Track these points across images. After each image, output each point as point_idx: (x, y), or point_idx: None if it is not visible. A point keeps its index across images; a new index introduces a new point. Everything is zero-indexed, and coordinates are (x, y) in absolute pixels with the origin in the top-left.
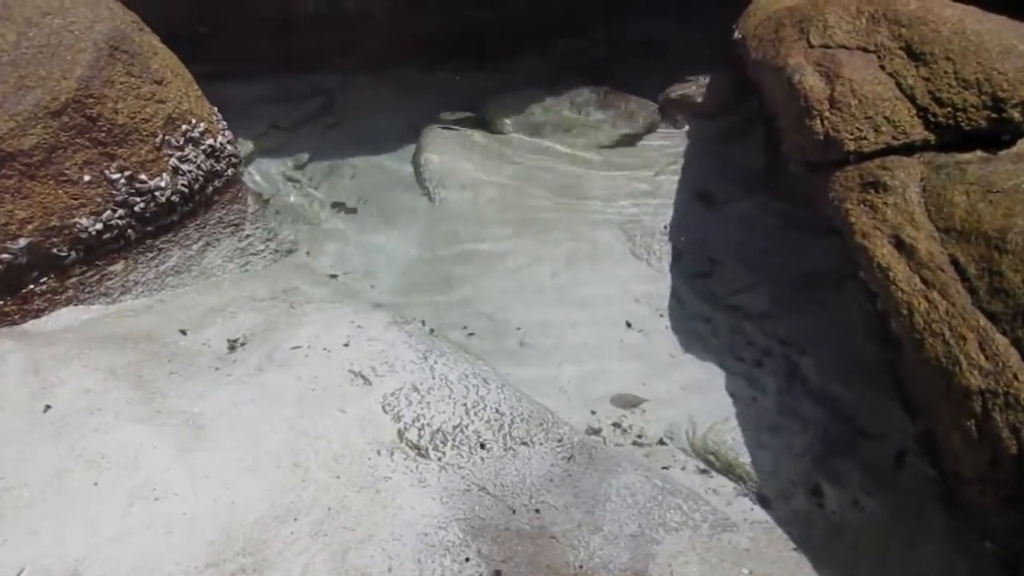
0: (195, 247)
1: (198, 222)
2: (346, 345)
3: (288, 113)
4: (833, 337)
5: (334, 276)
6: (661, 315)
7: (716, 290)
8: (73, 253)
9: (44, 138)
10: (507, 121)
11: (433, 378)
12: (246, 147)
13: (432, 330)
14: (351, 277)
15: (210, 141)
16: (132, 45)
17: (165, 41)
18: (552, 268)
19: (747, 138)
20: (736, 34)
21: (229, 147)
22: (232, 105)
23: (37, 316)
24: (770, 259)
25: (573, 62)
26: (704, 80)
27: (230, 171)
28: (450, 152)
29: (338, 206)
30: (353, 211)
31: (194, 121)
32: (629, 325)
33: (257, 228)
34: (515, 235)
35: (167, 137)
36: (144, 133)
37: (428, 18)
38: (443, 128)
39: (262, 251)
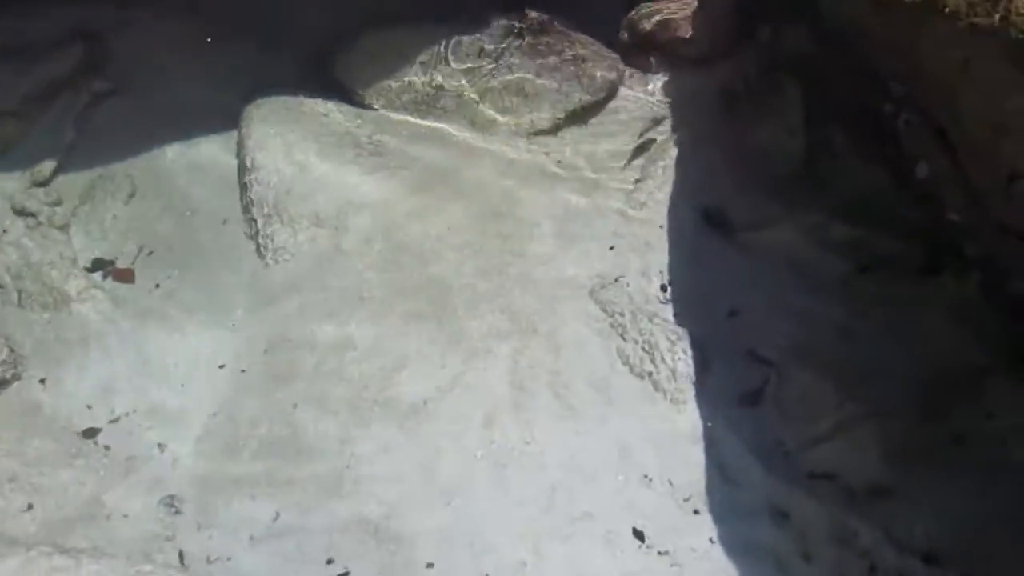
0: None
1: None
2: None
3: (21, 78)
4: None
5: (90, 433)
6: (696, 510)
7: (783, 436)
8: None
9: None
10: (376, 88)
11: None
12: None
13: None
14: (122, 429)
15: None
16: None
17: None
18: (484, 404)
19: (770, 101)
20: None
21: None
22: None
23: None
24: (860, 350)
25: None
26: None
27: None
28: (292, 148)
29: (102, 266)
30: (128, 277)
31: None
32: (640, 538)
33: None
34: (409, 322)
35: None
36: None
37: None
38: (281, 99)
39: None
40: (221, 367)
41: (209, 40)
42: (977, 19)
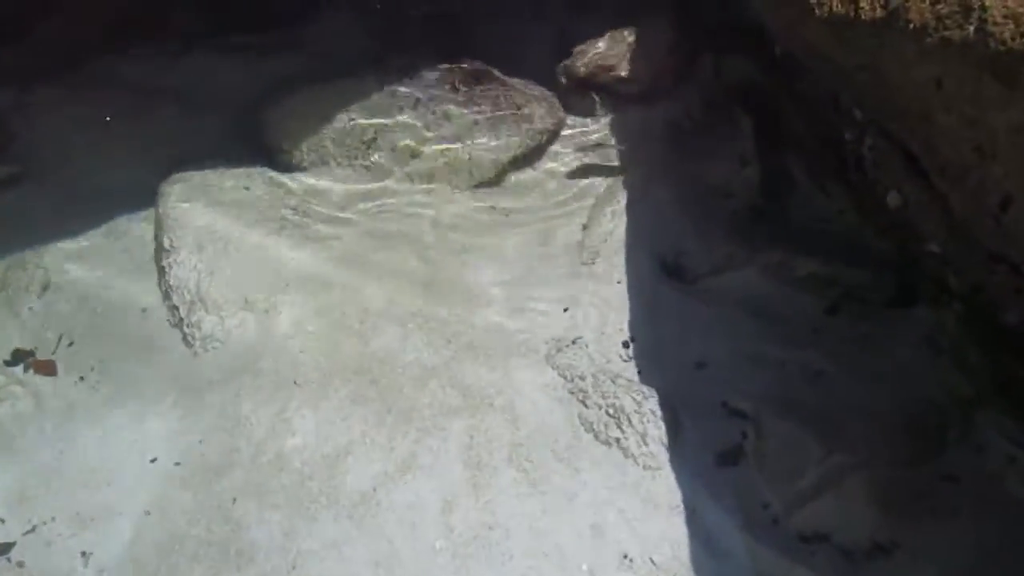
0: None
1: None
2: None
3: None
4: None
5: (3, 550)
6: None
7: (768, 497)
8: None
9: None
10: (304, 147)
11: None
12: None
13: None
14: (40, 540)
15: None
16: None
17: None
18: (440, 487)
19: (719, 134)
20: None
21: None
22: None
23: None
24: (837, 393)
25: (405, 22)
26: (626, 35)
27: None
28: (213, 226)
29: (21, 358)
30: (50, 369)
31: None
32: None
33: None
34: (352, 404)
35: None
36: None
37: None
38: (200, 173)
39: None
40: (152, 461)
41: (108, 119)
42: (948, 33)
